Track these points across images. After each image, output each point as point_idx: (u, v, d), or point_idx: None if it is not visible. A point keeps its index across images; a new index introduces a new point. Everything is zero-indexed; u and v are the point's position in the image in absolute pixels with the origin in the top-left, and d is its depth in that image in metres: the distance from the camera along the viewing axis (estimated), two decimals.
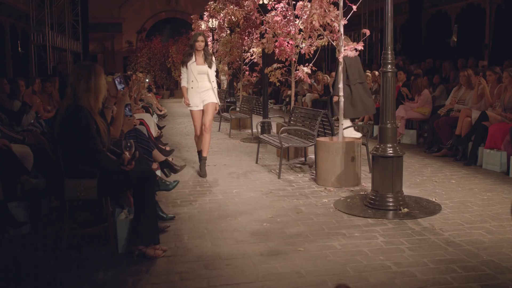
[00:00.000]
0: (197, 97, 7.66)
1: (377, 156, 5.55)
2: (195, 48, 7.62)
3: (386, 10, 5.50)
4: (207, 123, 7.64)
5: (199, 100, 7.67)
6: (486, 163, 7.71)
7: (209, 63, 7.68)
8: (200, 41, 7.60)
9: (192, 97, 7.68)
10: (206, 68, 7.65)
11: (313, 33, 7.73)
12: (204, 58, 7.64)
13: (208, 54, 7.71)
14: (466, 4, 16.38)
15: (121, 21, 33.11)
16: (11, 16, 19.50)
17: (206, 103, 7.66)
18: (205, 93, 7.68)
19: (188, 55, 7.71)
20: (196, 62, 7.63)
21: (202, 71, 7.66)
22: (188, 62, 7.65)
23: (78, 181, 4.24)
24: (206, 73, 7.65)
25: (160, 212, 5.16)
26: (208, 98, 7.68)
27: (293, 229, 5.03)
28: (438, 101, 10.85)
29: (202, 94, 7.66)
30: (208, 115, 7.66)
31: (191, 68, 7.61)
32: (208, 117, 7.65)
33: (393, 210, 5.43)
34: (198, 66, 7.63)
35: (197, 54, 7.64)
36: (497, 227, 4.96)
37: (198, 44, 7.59)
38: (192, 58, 7.64)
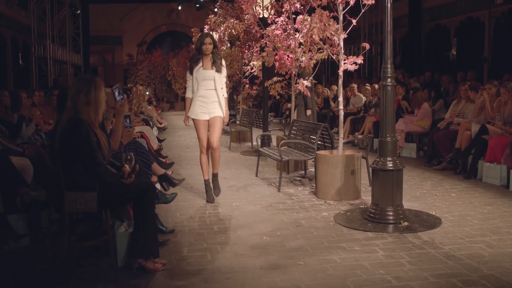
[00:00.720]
0: (201, 108, 6.71)
1: (377, 170, 5.55)
2: (203, 52, 6.68)
3: (386, 24, 5.53)
4: (214, 143, 6.69)
5: (203, 110, 6.72)
6: (486, 177, 7.71)
7: (217, 67, 6.69)
8: (207, 43, 6.65)
9: (194, 106, 6.73)
10: (212, 73, 6.67)
11: (313, 47, 7.77)
12: (212, 61, 6.69)
13: (217, 57, 6.75)
14: (465, 18, 16.45)
15: (122, 34, 33.27)
16: (13, 29, 19.60)
17: (214, 116, 6.71)
18: (212, 104, 6.72)
19: (195, 60, 6.74)
20: (203, 67, 6.69)
21: (208, 76, 6.67)
22: (194, 68, 6.71)
23: (78, 194, 4.23)
24: (212, 79, 6.66)
25: (159, 225, 5.15)
26: (214, 110, 6.72)
27: (293, 242, 5.01)
28: (437, 114, 10.87)
29: (208, 105, 6.71)
30: (214, 132, 6.70)
31: (196, 74, 6.68)
32: (215, 135, 6.70)
33: (393, 223, 5.42)
34: (204, 71, 6.67)
35: (205, 58, 6.69)
36: (498, 241, 4.95)
37: (205, 47, 6.64)
38: (199, 63, 6.69)
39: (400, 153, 10.26)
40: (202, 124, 6.76)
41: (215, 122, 6.72)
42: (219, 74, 6.71)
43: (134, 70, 31.84)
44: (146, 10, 33.25)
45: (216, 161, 6.82)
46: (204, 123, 6.75)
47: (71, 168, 4.23)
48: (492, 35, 15.14)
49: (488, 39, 15.27)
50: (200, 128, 6.78)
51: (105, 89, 4.63)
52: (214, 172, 6.86)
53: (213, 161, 6.83)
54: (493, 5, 14.74)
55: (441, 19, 17.61)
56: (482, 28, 15.49)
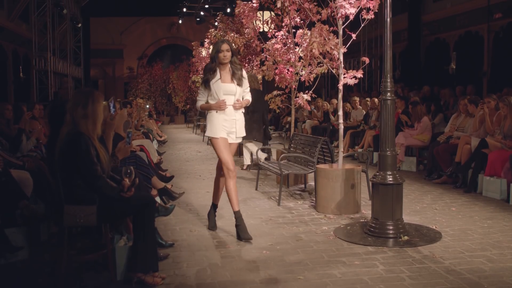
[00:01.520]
0: (221, 125, 5.72)
1: (377, 184, 5.55)
2: (219, 61, 5.73)
3: (385, 38, 5.56)
4: (231, 167, 5.72)
5: (224, 129, 5.74)
6: (486, 191, 7.70)
7: (238, 79, 5.75)
8: (224, 50, 5.66)
9: (214, 123, 5.73)
10: (234, 87, 5.73)
11: (312, 61, 7.80)
12: (232, 73, 5.76)
13: (237, 68, 5.79)
14: (464, 32, 16.53)
15: (122, 47, 33.41)
16: (14, 42, 19.70)
17: (235, 142, 5.87)
18: (232, 123, 5.78)
19: (210, 71, 5.74)
20: (222, 79, 5.72)
21: (229, 90, 5.72)
22: (211, 80, 5.71)
23: (77, 207, 4.23)
24: (233, 94, 5.73)
25: (159, 239, 5.14)
26: (233, 136, 5.80)
27: (292, 257, 5.00)
28: (437, 128, 10.89)
29: (227, 123, 5.75)
30: (231, 154, 5.85)
31: (215, 87, 5.68)
32: (231, 156, 5.83)
33: (393, 238, 5.41)
34: (224, 85, 5.71)
35: (222, 68, 5.75)
36: (498, 256, 4.94)
37: (223, 55, 5.66)
38: (216, 75, 5.72)
39: (400, 167, 10.26)
40: (225, 143, 5.74)
41: (234, 145, 5.93)
42: (241, 89, 5.78)
43: (135, 83, 31.92)
44: (146, 23, 33.43)
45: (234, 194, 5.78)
46: (225, 141, 5.74)
47: (71, 181, 4.23)
48: (491, 49, 15.21)
49: (487, 53, 15.33)
50: (222, 147, 5.72)
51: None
52: (236, 208, 5.76)
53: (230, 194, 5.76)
54: (492, 19, 14.82)
55: (440, 33, 17.69)
56: (481, 42, 15.56)
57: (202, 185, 8.98)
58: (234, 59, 5.76)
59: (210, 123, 5.77)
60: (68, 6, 22.59)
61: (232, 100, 5.72)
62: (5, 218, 5.10)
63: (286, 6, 7.65)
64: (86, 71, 27.15)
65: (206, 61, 19.80)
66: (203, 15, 26.69)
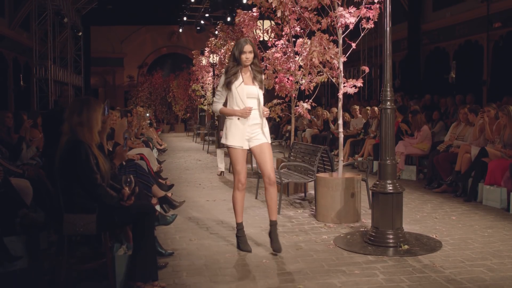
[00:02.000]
0: (241, 132, 5.40)
1: (377, 193, 5.55)
2: (242, 63, 5.40)
3: (385, 47, 5.57)
4: (271, 175, 5.42)
5: (243, 136, 5.41)
6: (486, 199, 7.70)
7: (259, 82, 5.47)
8: (247, 52, 5.35)
9: (233, 130, 5.41)
10: (256, 89, 5.43)
11: (312, 70, 7.82)
12: (253, 76, 5.46)
13: (258, 70, 5.51)
14: (464, 41, 16.60)
15: (123, 55, 33.51)
16: (14, 50, 19.77)
17: (259, 143, 5.47)
18: (255, 127, 5.47)
19: (233, 73, 5.40)
20: (244, 82, 5.42)
21: (252, 93, 5.42)
22: (233, 83, 5.39)
23: (77, 216, 4.22)
24: (256, 98, 5.43)
25: (159, 248, 5.13)
26: (260, 136, 5.48)
27: (292, 266, 4.99)
28: (437, 137, 10.89)
29: (250, 128, 5.44)
30: (267, 163, 5.45)
31: (238, 91, 5.36)
32: (268, 164, 5.46)
33: (393, 247, 5.40)
34: (248, 87, 5.41)
35: (243, 71, 5.45)
36: (498, 265, 4.93)
37: (245, 56, 5.36)
38: (238, 77, 5.41)
39: (400, 176, 10.26)
40: (242, 155, 5.46)
41: (264, 150, 5.47)
42: (260, 91, 5.49)
43: (135, 91, 31.99)
44: (147, 32, 33.56)
45: (274, 203, 5.50)
46: (243, 153, 5.47)
47: (71, 190, 4.23)
48: (491, 58, 15.26)
49: (486, 62, 15.38)
50: (239, 158, 5.45)
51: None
52: (272, 218, 5.49)
53: (271, 201, 5.49)
54: (492, 28, 14.88)
55: (440, 42, 17.76)
56: (481, 51, 15.62)
57: (202, 194, 8.97)
58: (255, 61, 5.46)
59: (229, 130, 5.45)
60: (69, 15, 22.69)
61: (254, 103, 5.42)
62: (4, 226, 5.09)
63: (286, 16, 7.67)
64: (87, 80, 27.25)
65: (207, 69, 19.86)
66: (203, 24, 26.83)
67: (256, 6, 8.68)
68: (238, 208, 5.60)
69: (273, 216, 5.47)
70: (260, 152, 5.46)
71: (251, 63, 5.42)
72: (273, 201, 5.46)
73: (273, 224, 5.45)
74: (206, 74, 20.06)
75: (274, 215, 5.48)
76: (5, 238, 4.94)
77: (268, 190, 5.44)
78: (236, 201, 5.60)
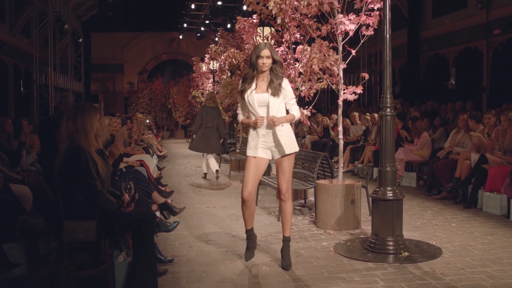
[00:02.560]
0: (257, 142, 5.15)
1: (377, 199, 5.55)
2: (259, 69, 5.07)
3: (385, 54, 5.58)
4: (284, 187, 5.17)
5: (259, 145, 5.14)
6: (486, 206, 7.69)
7: (273, 89, 5.05)
8: (264, 56, 5.02)
9: (249, 141, 5.25)
10: (267, 97, 5.06)
11: (312, 77, 7.82)
12: (269, 81, 5.08)
13: (277, 76, 5.08)
14: (463, 48, 16.64)
15: (123, 62, 33.60)
16: (15, 56, 19.81)
17: (279, 156, 5.15)
18: (269, 137, 5.14)
19: (248, 80, 5.15)
20: (256, 90, 5.11)
21: (262, 101, 5.09)
22: (247, 91, 5.14)
23: (77, 222, 4.22)
24: (265, 105, 5.10)
25: (158, 255, 5.13)
26: (278, 148, 5.13)
27: (292, 273, 4.98)
28: (437, 143, 10.90)
29: (264, 138, 5.14)
30: (284, 176, 5.17)
31: (248, 100, 5.11)
32: (285, 179, 5.17)
33: (394, 254, 5.39)
34: (258, 95, 5.09)
35: (259, 77, 5.11)
36: (499, 272, 4.92)
37: (262, 62, 5.03)
38: (252, 85, 5.12)
39: (400, 182, 10.26)
40: (253, 163, 5.15)
41: (282, 164, 5.17)
42: (275, 99, 5.06)
43: (135, 98, 32.04)
44: (147, 39, 33.66)
45: (288, 218, 5.26)
46: (254, 161, 5.16)
47: (70, 196, 4.23)
48: (491, 64, 15.29)
49: (486, 69, 15.41)
50: (251, 165, 5.15)
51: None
52: (286, 234, 5.26)
53: (285, 216, 5.27)
54: (491, 35, 14.92)
55: (439, 49, 17.81)
56: (481, 58, 15.65)
57: (202, 200, 8.96)
58: (275, 67, 5.07)
59: (248, 141, 5.27)
60: (69, 21, 22.76)
61: (266, 111, 5.08)
62: (4, 233, 5.08)
63: (286, 22, 7.68)
64: (87, 86, 27.29)
65: (207, 76, 19.89)
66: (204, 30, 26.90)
67: (256, 13, 8.69)
68: (245, 217, 5.39)
69: (286, 232, 5.25)
70: (278, 166, 5.20)
71: (270, 69, 5.07)
72: (287, 217, 5.23)
73: (285, 240, 5.24)
74: (206, 80, 20.11)
75: (287, 230, 5.24)
76: (4, 245, 4.94)
77: (281, 206, 5.28)
78: (242, 212, 5.39)
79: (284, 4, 7.04)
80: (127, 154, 9.10)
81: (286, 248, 5.21)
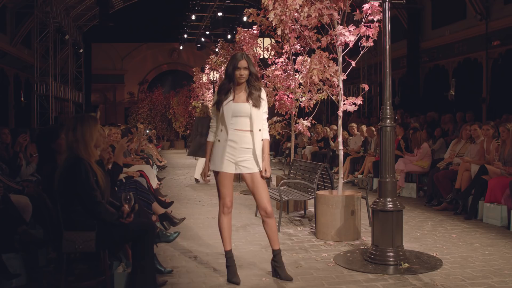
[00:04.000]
0: (227, 155, 4.89)
1: (377, 210, 5.54)
2: (236, 81, 4.89)
3: (384, 65, 5.60)
4: (268, 207, 4.97)
5: (229, 158, 4.90)
6: (487, 217, 7.68)
7: (254, 100, 4.88)
8: (242, 68, 4.84)
9: (216, 154, 4.94)
10: (248, 107, 4.87)
11: (312, 87, 7.85)
12: (248, 93, 4.91)
13: (255, 87, 4.91)
14: (463, 59, 16.69)
15: (124, 72, 33.68)
16: (16, 67, 19.89)
17: (249, 172, 4.94)
18: (242, 152, 4.90)
19: (224, 91, 4.93)
20: (234, 100, 4.90)
21: (241, 111, 4.88)
22: (224, 102, 4.89)
23: (76, 233, 4.21)
24: (248, 116, 4.88)
25: (158, 265, 5.11)
26: (246, 162, 4.92)
27: (292, 284, 4.96)
28: (437, 154, 10.90)
29: (236, 152, 4.90)
30: (262, 193, 4.97)
31: (224, 109, 4.86)
32: (264, 196, 4.97)
33: (394, 265, 5.37)
34: (236, 105, 4.88)
35: (237, 88, 4.92)
36: (500, 283, 4.90)
37: (239, 73, 4.84)
38: (229, 95, 4.90)
39: (400, 193, 10.25)
40: (227, 178, 4.96)
41: (257, 181, 4.95)
42: (257, 110, 4.89)
43: (135, 108, 32.08)
44: (148, 49, 33.77)
45: (274, 233, 5.07)
46: (229, 176, 4.97)
47: (70, 207, 4.23)
48: (490, 76, 15.33)
49: (486, 80, 15.45)
50: (223, 181, 4.97)
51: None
52: (275, 247, 5.09)
53: (271, 231, 5.06)
54: (491, 46, 14.98)
55: (439, 60, 17.86)
56: (480, 69, 15.70)
57: (202, 211, 8.95)
58: (251, 79, 4.89)
59: (214, 153, 4.99)
60: (70, 32, 22.85)
61: (244, 122, 4.88)
62: (3, 243, 5.07)
63: (286, 34, 7.72)
64: (87, 96, 27.35)
65: (207, 86, 19.92)
66: (204, 41, 27.00)
67: (257, 24, 8.76)
68: (225, 234, 5.10)
69: (276, 245, 5.08)
70: (252, 184, 4.96)
71: (247, 81, 4.90)
72: (273, 232, 5.05)
73: (277, 253, 5.08)
74: (207, 91, 20.16)
75: (277, 244, 5.09)
76: (3, 255, 4.92)
77: (266, 223, 5.03)
78: (222, 226, 5.12)
79: (284, 15, 7.07)
80: (127, 164, 9.09)
81: (279, 260, 5.07)
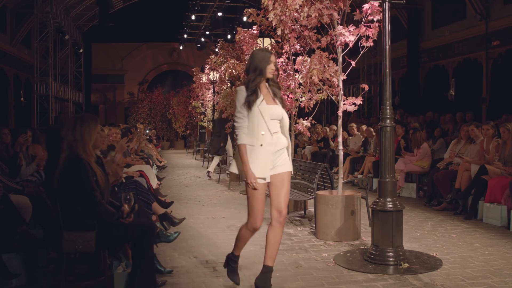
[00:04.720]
0: (267, 161, 4.46)
1: (377, 210, 5.54)
2: (265, 75, 4.53)
3: (384, 65, 5.60)
4: (285, 209, 4.59)
5: (270, 165, 4.50)
6: (487, 217, 7.68)
7: (280, 100, 4.59)
8: (273, 62, 4.52)
9: (258, 161, 4.42)
10: (280, 110, 4.53)
11: (312, 87, 7.84)
12: (272, 92, 4.58)
13: (277, 85, 4.65)
14: (463, 59, 16.69)
15: (123, 72, 33.68)
16: (16, 67, 19.89)
17: (281, 172, 4.55)
18: (280, 154, 4.56)
19: (252, 90, 4.45)
20: (266, 101, 4.51)
21: (275, 114, 4.52)
22: (255, 101, 4.44)
23: (76, 233, 4.21)
24: (280, 119, 4.55)
25: (158, 266, 5.11)
26: (281, 162, 4.56)
27: (292, 284, 4.96)
28: (437, 154, 10.90)
29: (275, 155, 4.53)
30: (286, 194, 4.59)
31: (260, 110, 4.42)
32: (284, 197, 4.57)
33: (394, 265, 5.38)
34: (271, 107, 4.50)
35: (262, 86, 4.55)
36: (500, 283, 4.90)
37: (270, 67, 4.50)
38: (259, 95, 4.48)
39: (400, 193, 10.25)
40: (263, 192, 4.52)
41: (287, 181, 4.58)
42: (284, 112, 4.61)
43: (135, 108, 32.09)
44: (147, 49, 33.77)
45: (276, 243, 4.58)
46: (265, 187, 4.53)
47: (70, 207, 4.23)
48: (490, 76, 15.33)
49: (486, 80, 15.45)
50: (261, 194, 4.50)
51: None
52: (269, 264, 4.56)
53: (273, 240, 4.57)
54: (491, 46, 14.97)
55: (439, 60, 17.86)
56: (480, 69, 15.70)
57: (202, 211, 8.95)
58: (273, 77, 4.61)
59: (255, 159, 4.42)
60: (70, 32, 22.84)
61: (276, 124, 4.51)
62: (3, 243, 5.07)
63: (286, 34, 7.72)
64: (87, 96, 27.34)
65: (207, 87, 19.89)
66: (204, 41, 26.98)
67: (256, 24, 8.74)
68: (241, 244, 4.82)
69: (271, 261, 4.49)
70: (281, 183, 4.53)
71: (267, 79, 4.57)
72: (276, 242, 4.52)
73: (268, 271, 4.48)
74: (206, 91, 20.15)
75: (272, 259, 4.49)
76: (3, 255, 4.92)
77: (273, 228, 4.53)
78: (242, 237, 4.78)
79: (284, 15, 7.07)
80: (127, 165, 9.08)
81: (266, 280, 4.50)
